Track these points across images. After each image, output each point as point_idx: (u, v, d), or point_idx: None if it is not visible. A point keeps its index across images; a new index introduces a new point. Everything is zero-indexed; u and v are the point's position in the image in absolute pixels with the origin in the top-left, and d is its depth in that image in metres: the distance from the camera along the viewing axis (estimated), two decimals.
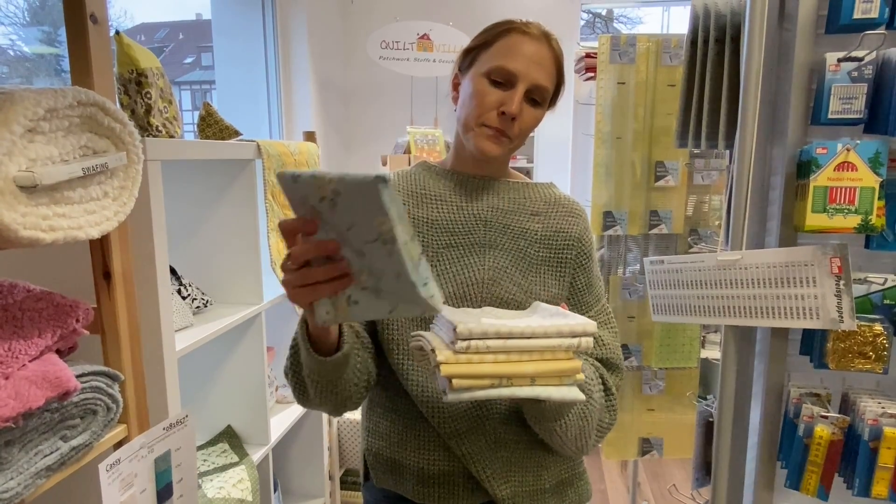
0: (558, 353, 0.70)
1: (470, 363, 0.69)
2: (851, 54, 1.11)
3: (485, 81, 0.89)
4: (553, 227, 0.97)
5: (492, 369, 0.69)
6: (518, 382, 0.70)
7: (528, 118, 0.90)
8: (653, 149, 2.31)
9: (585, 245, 0.98)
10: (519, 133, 0.90)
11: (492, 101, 0.88)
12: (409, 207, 0.95)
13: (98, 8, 0.92)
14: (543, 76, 0.89)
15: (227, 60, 3.51)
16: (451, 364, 0.69)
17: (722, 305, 1.25)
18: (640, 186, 2.34)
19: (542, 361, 0.70)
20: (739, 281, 1.23)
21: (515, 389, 0.70)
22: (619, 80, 2.28)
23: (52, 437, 0.85)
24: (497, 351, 0.69)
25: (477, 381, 0.69)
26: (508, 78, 0.88)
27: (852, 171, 1.10)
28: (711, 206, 2.41)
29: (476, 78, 0.91)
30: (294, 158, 1.79)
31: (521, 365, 0.69)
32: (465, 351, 0.69)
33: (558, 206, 1.00)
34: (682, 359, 2.43)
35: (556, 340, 0.70)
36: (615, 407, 0.93)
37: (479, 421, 0.92)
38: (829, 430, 1.18)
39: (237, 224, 1.61)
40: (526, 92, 0.89)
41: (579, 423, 0.84)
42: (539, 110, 0.92)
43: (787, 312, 1.18)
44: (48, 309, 0.87)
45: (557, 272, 0.95)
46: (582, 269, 0.98)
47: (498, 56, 0.89)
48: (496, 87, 0.89)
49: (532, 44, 0.90)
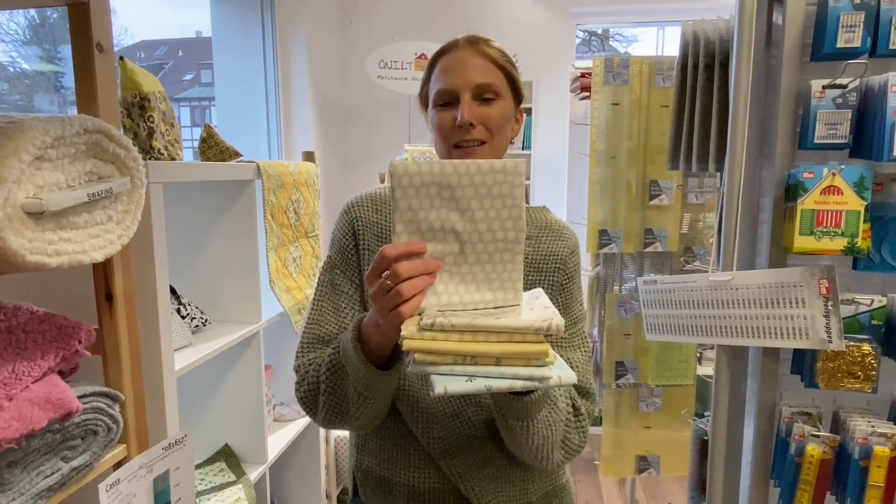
0: (528, 335, 0.70)
1: (434, 340, 0.70)
2: (836, 81, 1.14)
3: (437, 112, 0.94)
4: (542, 251, 0.99)
5: (456, 347, 0.70)
6: (483, 362, 0.70)
7: (490, 115, 0.93)
8: (647, 168, 2.35)
9: (568, 266, 1.00)
10: (490, 132, 0.93)
11: (448, 123, 0.93)
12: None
13: (104, 37, 0.95)
14: (481, 74, 0.92)
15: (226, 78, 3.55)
16: (415, 340, 0.70)
17: (714, 325, 1.27)
18: (635, 205, 2.37)
19: (510, 343, 0.70)
20: (731, 301, 1.25)
21: (479, 367, 0.70)
22: (613, 100, 2.32)
23: (54, 458, 0.86)
24: (463, 330, 0.70)
25: (440, 357, 0.70)
26: (450, 96, 0.93)
27: (838, 194, 1.13)
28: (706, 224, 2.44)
29: (431, 112, 0.96)
30: (293, 178, 1.82)
31: (486, 345, 0.70)
32: (429, 328, 0.70)
33: (549, 230, 1.02)
34: (678, 376, 2.44)
35: (525, 322, 0.70)
36: (585, 429, 0.94)
37: (468, 441, 0.93)
38: (820, 449, 1.20)
39: (236, 244, 1.64)
40: (474, 96, 0.92)
41: (543, 432, 0.85)
42: (498, 104, 0.94)
43: (778, 332, 1.20)
44: (51, 331, 0.89)
45: (548, 294, 0.97)
46: (561, 288, 0.99)
47: (435, 84, 0.95)
48: (447, 110, 0.93)
49: (458, 55, 0.94)
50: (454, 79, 0.92)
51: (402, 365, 0.84)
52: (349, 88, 4.36)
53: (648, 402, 2.47)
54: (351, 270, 0.98)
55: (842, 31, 1.13)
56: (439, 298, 0.74)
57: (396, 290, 0.71)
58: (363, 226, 0.98)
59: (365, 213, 0.99)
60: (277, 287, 1.75)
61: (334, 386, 0.88)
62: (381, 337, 0.79)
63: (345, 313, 0.97)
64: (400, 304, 0.71)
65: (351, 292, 0.98)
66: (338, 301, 0.98)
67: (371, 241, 0.98)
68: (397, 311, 0.71)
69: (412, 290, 0.71)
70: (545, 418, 0.85)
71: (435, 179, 0.71)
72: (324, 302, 0.98)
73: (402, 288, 0.71)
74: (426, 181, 0.71)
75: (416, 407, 0.94)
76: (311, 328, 0.98)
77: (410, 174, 0.71)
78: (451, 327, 0.70)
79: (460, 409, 0.94)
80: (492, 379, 0.70)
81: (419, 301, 0.72)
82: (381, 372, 0.82)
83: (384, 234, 0.98)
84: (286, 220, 1.80)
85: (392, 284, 0.71)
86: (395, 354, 0.84)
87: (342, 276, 0.99)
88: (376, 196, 1.01)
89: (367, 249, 0.98)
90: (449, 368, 0.70)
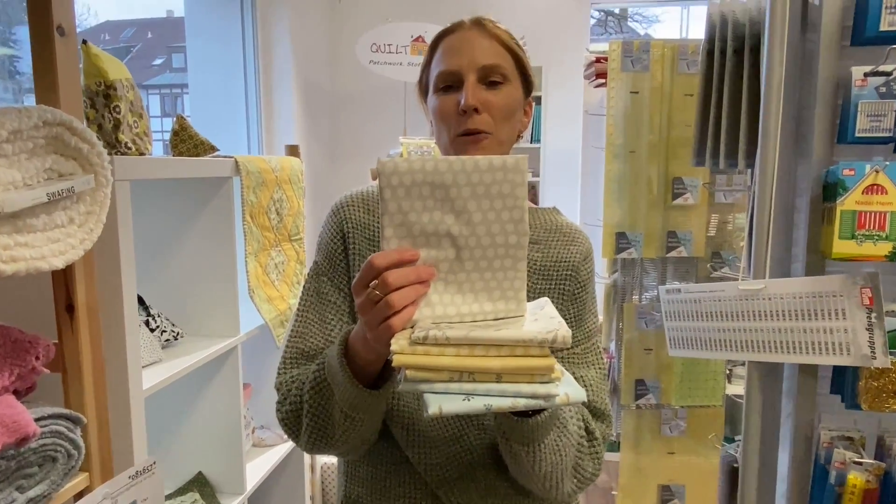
0: (531, 348, 0.70)
1: (428, 355, 0.70)
2: (879, 68, 1.15)
3: (438, 96, 0.95)
4: (552, 257, 1.00)
5: (451, 362, 0.70)
6: (481, 378, 0.70)
7: (496, 101, 0.93)
8: (670, 163, 2.36)
9: (581, 274, 1.00)
10: (496, 121, 0.93)
11: (450, 108, 0.93)
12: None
13: (65, 18, 0.96)
14: (488, 55, 0.93)
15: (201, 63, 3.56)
16: (407, 355, 0.70)
17: (745, 339, 1.27)
18: (657, 205, 2.37)
19: (511, 357, 0.70)
20: (763, 312, 1.25)
21: (478, 385, 0.70)
22: (631, 88, 2.33)
23: (7, 488, 0.87)
24: (459, 343, 0.70)
25: (434, 373, 0.70)
26: (453, 78, 0.94)
27: (882, 194, 1.13)
28: (736, 226, 2.45)
29: (431, 98, 0.97)
30: (275, 176, 1.82)
31: (485, 360, 0.70)
32: (422, 341, 0.70)
33: (559, 233, 1.03)
34: (705, 396, 2.44)
35: (528, 333, 0.70)
36: (599, 455, 0.94)
37: (469, 468, 0.93)
38: (863, 478, 1.20)
39: (212, 248, 1.64)
40: (479, 79, 0.93)
41: (552, 458, 0.85)
42: (505, 89, 0.94)
43: (815, 347, 1.21)
44: (5, 345, 0.89)
45: (557, 306, 0.98)
46: (573, 299, 1.00)
47: (437, 66, 0.96)
48: (449, 95, 0.94)
49: (462, 36, 0.95)
50: (458, 59, 0.93)
51: (394, 383, 0.84)
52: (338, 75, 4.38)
53: (672, 425, 2.47)
54: (339, 278, 0.99)
55: (885, 12, 1.13)
56: (433, 310, 0.75)
57: (386, 300, 0.71)
58: (353, 228, 0.99)
59: (355, 214, 0.99)
60: (257, 296, 1.75)
61: (319, 406, 0.88)
62: (369, 352, 0.80)
63: (332, 325, 0.97)
64: (390, 317, 0.71)
65: (339, 302, 0.98)
66: (324, 312, 0.98)
67: (362, 245, 0.98)
68: (387, 323, 0.72)
69: (403, 301, 0.71)
70: (554, 443, 0.85)
71: (427, 178, 0.71)
72: (309, 313, 0.99)
73: (392, 298, 0.71)
74: (418, 180, 0.71)
75: (410, 430, 0.94)
76: (295, 342, 0.98)
77: (400, 172, 0.71)
78: (445, 340, 0.70)
79: (460, 432, 0.94)
80: (492, 397, 0.70)
81: (411, 313, 0.73)
82: (370, 391, 0.83)
83: (377, 238, 0.98)
84: (267, 221, 1.81)
85: (381, 295, 0.71)
86: (386, 372, 0.84)
87: (329, 283, 0.99)
88: (368, 195, 1.02)
89: (357, 254, 0.98)
90: (444, 386, 0.70)
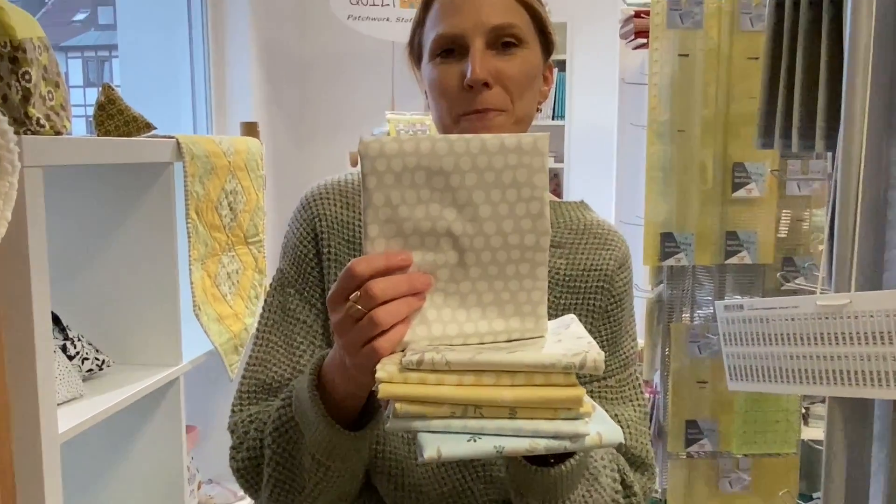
0: (553, 374, 0.69)
1: (423, 384, 0.69)
2: None
3: (435, 65, 0.94)
4: (581, 265, 1.00)
5: (453, 393, 0.69)
6: (491, 413, 0.70)
7: (510, 70, 0.93)
8: (729, 145, 2.36)
9: (616, 285, 1.01)
10: (511, 95, 0.93)
11: (452, 82, 0.93)
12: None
13: None
14: (498, 13, 0.93)
15: (134, 19, 3.56)
16: (397, 384, 0.69)
17: (825, 369, 1.27)
18: (713, 198, 2.38)
19: (528, 387, 0.70)
20: (849, 335, 1.25)
21: (486, 422, 0.70)
22: (680, 50, 2.34)
23: None
24: (462, 369, 0.70)
25: (431, 407, 0.69)
26: (454, 42, 0.93)
27: None
28: (812, 225, 2.45)
29: (427, 68, 0.96)
30: (228, 161, 1.82)
31: (495, 390, 0.69)
32: (416, 367, 0.69)
33: (589, 234, 1.03)
34: (774, 442, 2.44)
35: (550, 356, 0.70)
36: None
37: None
38: None
39: (147, 254, 1.63)
40: (488, 44, 0.92)
41: None
42: (521, 55, 0.94)
43: None
44: None
45: (587, 326, 0.98)
46: (606, 317, 1.00)
47: (433, 27, 0.95)
48: (449, 64, 0.93)
49: None
50: (460, 20, 0.92)
51: (380, 421, 0.84)
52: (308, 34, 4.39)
53: (733, 479, 2.47)
54: (310, 289, 0.99)
55: None
56: (430, 328, 0.74)
57: (370, 317, 0.71)
58: (328, 226, 0.99)
59: (331, 209, 0.99)
60: (205, 315, 1.75)
61: (284, 452, 0.88)
62: (348, 383, 0.79)
63: (301, 350, 0.97)
64: (375, 337, 0.71)
65: (309, 320, 0.98)
66: (291, 333, 0.98)
67: (339, 248, 0.98)
68: (371, 346, 0.71)
69: (392, 318, 0.71)
70: (582, 499, 0.84)
71: (423, 162, 0.71)
72: (271, 334, 0.99)
73: (378, 315, 0.70)
74: (410, 165, 0.71)
75: (400, 482, 0.94)
76: (254, 371, 0.98)
77: (388, 155, 0.71)
78: (445, 366, 0.69)
79: (462, 485, 0.94)
80: (504, 437, 0.69)
81: (402, 332, 0.72)
82: (349, 432, 0.82)
83: (358, 238, 0.98)
84: (218, 219, 1.80)
85: (364, 310, 0.71)
86: (369, 407, 0.84)
87: (298, 297, 0.99)
88: (347, 185, 1.02)
89: (333, 260, 0.98)
90: (444, 423, 0.70)
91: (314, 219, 1.00)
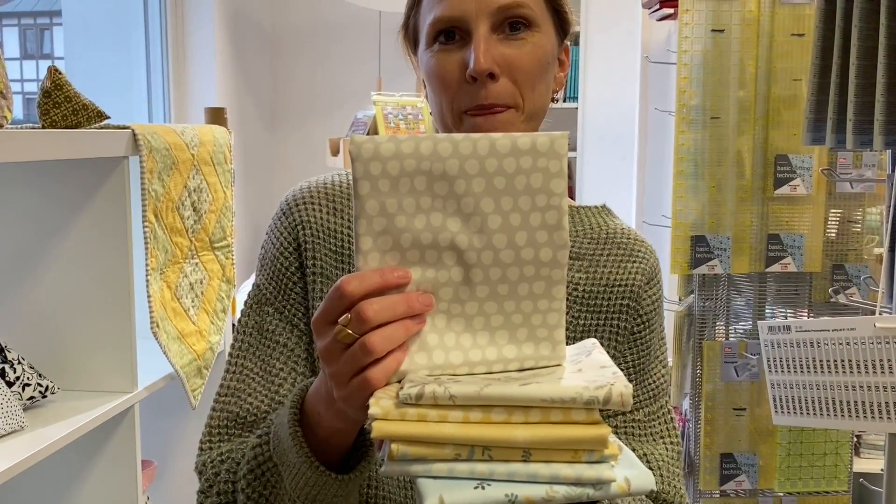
0: (574, 410, 0.70)
1: (423, 421, 0.70)
2: None
3: (433, 52, 0.95)
4: (603, 279, 1.00)
5: (458, 432, 0.69)
6: (501, 455, 0.70)
7: (520, 58, 0.93)
8: (770, 135, 2.37)
9: (644, 303, 1.01)
10: (521, 88, 0.93)
11: (452, 72, 0.93)
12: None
13: None
14: None
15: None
16: (393, 422, 0.69)
17: (883, 401, 1.28)
18: (752, 195, 2.38)
19: (545, 425, 0.70)
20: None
21: (496, 466, 0.70)
22: (714, 25, 2.34)
23: None
24: (468, 405, 0.70)
25: (433, 449, 0.70)
26: (454, 27, 0.93)
27: None
28: (867, 228, 2.45)
29: (424, 56, 0.97)
30: (191, 154, 1.82)
31: (506, 428, 0.70)
32: (414, 402, 0.70)
33: (612, 244, 1.03)
34: (823, 478, 2.45)
35: (569, 389, 0.70)
36: None
37: None
38: None
39: (97, 262, 1.63)
40: (493, 28, 0.92)
41: None
42: (532, 40, 0.94)
43: None
44: None
45: (610, 350, 0.98)
46: (633, 340, 1.01)
47: (430, 9, 0.95)
48: (449, 52, 0.93)
49: None
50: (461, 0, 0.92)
51: (372, 463, 0.84)
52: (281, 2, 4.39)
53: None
54: (292, 308, 0.99)
55: None
56: (431, 356, 0.74)
57: (362, 343, 0.71)
58: (313, 236, 0.99)
59: (316, 216, 1.00)
60: (164, 333, 1.75)
61: (261, 497, 0.88)
62: (336, 418, 0.80)
63: (280, 378, 0.97)
64: (368, 367, 0.71)
65: (291, 344, 0.99)
66: (269, 358, 0.98)
67: (326, 261, 0.99)
68: (363, 376, 0.71)
69: (387, 344, 0.71)
70: None
71: (423, 166, 0.71)
72: (247, 360, 0.99)
73: (372, 340, 0.70)
74: (409, 168, 0.71)
75: None
76: (226, 403, 0.98)
77: (383, 157, 0.71)
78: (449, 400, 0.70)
79: None
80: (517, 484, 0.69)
81: (398, 361, 0.72)
82: (336, 475, 0.82)
83: (348, 250, 0.99)
84: (179, 221, 1.80)
85: (355, 335, 0.71)
86: (360, 447, 0.84)
87: (277, 317, 0.99)
88: (334, 188, 1.02)
89: (319, 275, 0.98)
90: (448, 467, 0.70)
91: (296, 226, 1.00)
